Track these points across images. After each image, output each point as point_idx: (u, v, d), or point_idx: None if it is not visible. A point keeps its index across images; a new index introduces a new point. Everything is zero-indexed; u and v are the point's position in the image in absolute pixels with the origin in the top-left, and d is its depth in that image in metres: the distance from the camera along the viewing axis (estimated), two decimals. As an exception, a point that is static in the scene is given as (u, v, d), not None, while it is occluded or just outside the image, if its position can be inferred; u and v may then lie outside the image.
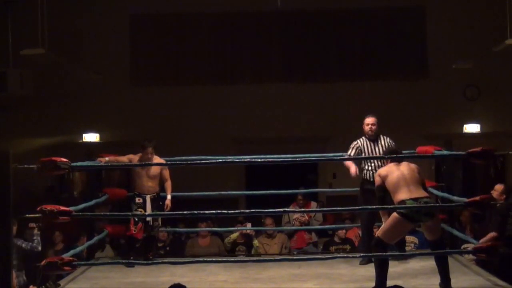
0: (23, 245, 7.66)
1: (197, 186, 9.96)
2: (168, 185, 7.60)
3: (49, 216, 5.67)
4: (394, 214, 5.79)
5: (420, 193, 5.83)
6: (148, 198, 7.47)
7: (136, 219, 7.34)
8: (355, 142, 7.35)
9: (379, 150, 7.20)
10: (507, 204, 7.06)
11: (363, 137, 7.36)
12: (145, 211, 7.39)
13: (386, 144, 7.24)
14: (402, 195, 5.79)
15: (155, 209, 7.48)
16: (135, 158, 7.46)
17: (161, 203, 7.52)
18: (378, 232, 6.03)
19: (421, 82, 12.64)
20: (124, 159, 7.43)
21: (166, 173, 7.58)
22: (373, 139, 7.30)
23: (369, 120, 7.31)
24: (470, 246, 7.31)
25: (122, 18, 12.55)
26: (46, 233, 8.60)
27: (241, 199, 12.53)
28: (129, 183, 7.82)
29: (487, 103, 12.64)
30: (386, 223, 5.87)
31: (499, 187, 7.52)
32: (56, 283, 6.41)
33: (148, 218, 7.38)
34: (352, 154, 7.30)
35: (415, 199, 5.75)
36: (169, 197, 7.56)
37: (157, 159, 7.47)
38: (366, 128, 7.30)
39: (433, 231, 5.92)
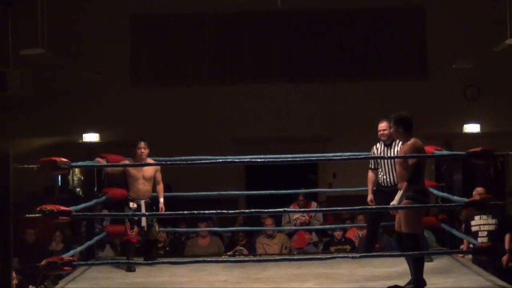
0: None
1: (197, 186, 9.96)
2: (160, 188, 7.43)
3: (49, 216, 5.66)
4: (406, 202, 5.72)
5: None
6: (143, 203, 7.32)
7: (132, 225, 7.27)
8: (373, 148, 7.33)
9: (393, 155, 7.05)
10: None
11: (380, 142, 7.29)
12: (141, 216, 7.31)
13: (398, 149, 7.10)
14: None
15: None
16: (130, 162, 7.36)
17: (154, 207, 7.40)
18: (405, 230, 5.80)
19: (421, 82, 12.63)
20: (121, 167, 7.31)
21: (159, 175, 7.41)
22: (389, 143, 7.17)
23: (380, 126, 7.21)
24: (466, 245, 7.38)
25: (122, 18, 12.55)
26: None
27: (241, 199, 12.53)
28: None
29: (487, 103, 12.65)
30: (404, 216, 5.78)
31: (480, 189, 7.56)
32: (55, 282, 6.41)
33: (143, 224, 7.31)
34: (372, 164, 7.31)
35: None
36: (161, 200, 7.41)
37: (150, 161, 7.33)
38: (379, 133, 7.23)
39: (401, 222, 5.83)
